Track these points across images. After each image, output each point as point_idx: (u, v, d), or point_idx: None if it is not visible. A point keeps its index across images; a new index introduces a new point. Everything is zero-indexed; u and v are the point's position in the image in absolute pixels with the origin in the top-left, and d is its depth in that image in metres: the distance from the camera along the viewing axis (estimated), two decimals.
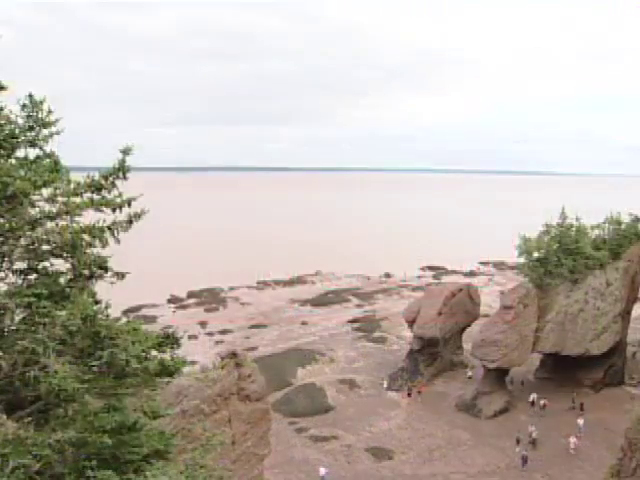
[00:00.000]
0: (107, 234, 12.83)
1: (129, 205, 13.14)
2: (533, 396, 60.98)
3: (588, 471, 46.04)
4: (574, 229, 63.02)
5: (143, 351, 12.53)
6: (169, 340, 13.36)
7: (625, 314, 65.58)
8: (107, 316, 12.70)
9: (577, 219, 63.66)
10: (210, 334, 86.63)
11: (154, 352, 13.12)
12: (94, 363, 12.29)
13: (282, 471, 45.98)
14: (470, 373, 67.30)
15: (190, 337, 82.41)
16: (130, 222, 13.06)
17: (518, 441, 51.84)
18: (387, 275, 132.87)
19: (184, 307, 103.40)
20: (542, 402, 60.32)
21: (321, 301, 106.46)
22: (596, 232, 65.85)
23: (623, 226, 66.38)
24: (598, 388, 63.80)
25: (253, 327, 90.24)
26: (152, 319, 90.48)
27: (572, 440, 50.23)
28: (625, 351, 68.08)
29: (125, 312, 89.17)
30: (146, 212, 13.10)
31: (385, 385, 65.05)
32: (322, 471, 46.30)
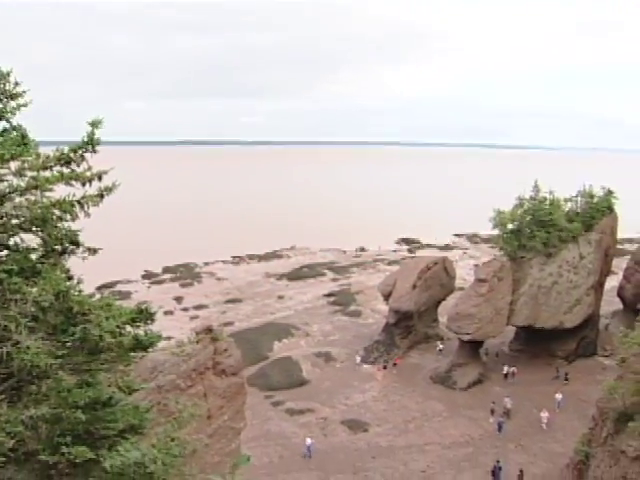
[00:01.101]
0: (77, 208, 12.62)
1: (100, 179, 12.93)
2: (507, 368, 61.85)
3: (561, 440, 46.78)
4: (547, 202, 63.50)
5: (117, 326, 12.42)
6: (143, 315, 13.23)
7: (598, 286, 66.34)
8: (80, 292, 12.55)
9: (550, 192, 64.11)
10: (185, 309, 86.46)
11: (128, 327, 13.01)
12: (67, 339, 12.18)
13: (259, 444, 46.21)
14: (441, 346, 67.76)
15: (166, 313, 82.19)
16: (101, 196, 12.86)
17: (492, 412, 52.61)
18: (362, 249, 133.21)
19: (159, 282, 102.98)
20: (512, 369, 61.48)
21: (296, 275, 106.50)
22: (569, 205, 66.41)
23: (595, 199, 66.96)
24: (571, 359, 64.77)
25: (229, 302, 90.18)
26: (127, 295, 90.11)
27: (544, 415, 50.65)
28: (598, 323, 69.01)
29: (99, 288, 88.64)
30: (117, 186, 12.90)
31: (358, 360, 65.28)
32: (308, 441, 46.90)
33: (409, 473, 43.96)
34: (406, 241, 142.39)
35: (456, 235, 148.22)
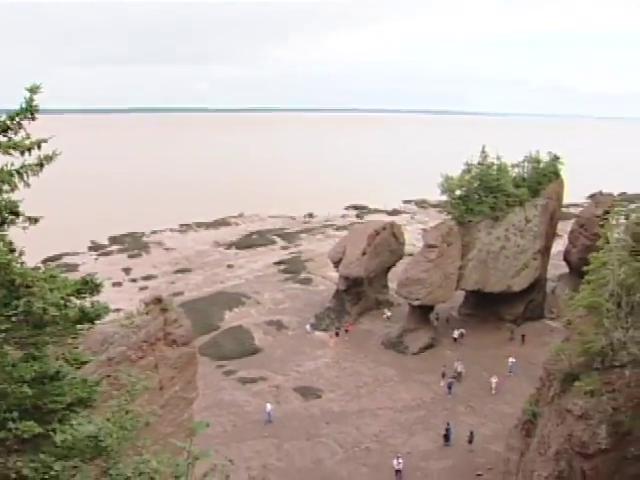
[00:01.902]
0: (16, 178, 12.06)
1: (39, 148, 12.38)
2: (456, 332, 62.79)
3: (510, 402, 47.75)
4: (495, 167, 64.05)
5: (62, 298, 11.99)
6: (89, 286, 12.81)
7: (544, 250, 67.61)
8: (22, 264, 12.07)
9: (498, 158, 64.64)
10: (134, 280, 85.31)
11: (74, 299, 12.59)
12: (11, 312, 11.73)
13: (212, 414, 46.06)
14: (388, 314, 68.18)
15: (114, 284, 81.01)
16: (41, 165, 12.31)
17: (444, 375, 53.42)
18: (311, 215, 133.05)
19: (106, 254, 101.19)
20: (460, 331, 62.57)
21: (245, 243, 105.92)
22: (516, 170, 67.15)
23: (542, 164, 67.86)
24: (519, 322, 66.08)
25: (178, 272, 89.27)
26: (74, 267, 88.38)
27: (493, 380, 51.45)
28: (545, 286, 70.45)
29: (45, 261, 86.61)
30: (58, 154, 12.37)
31: (308, 328, 65.40)
32: (268, 407, 47.13)
33: (362, 437, 44.45)
34: (355, 207, 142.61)
35: (405, 201, 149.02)
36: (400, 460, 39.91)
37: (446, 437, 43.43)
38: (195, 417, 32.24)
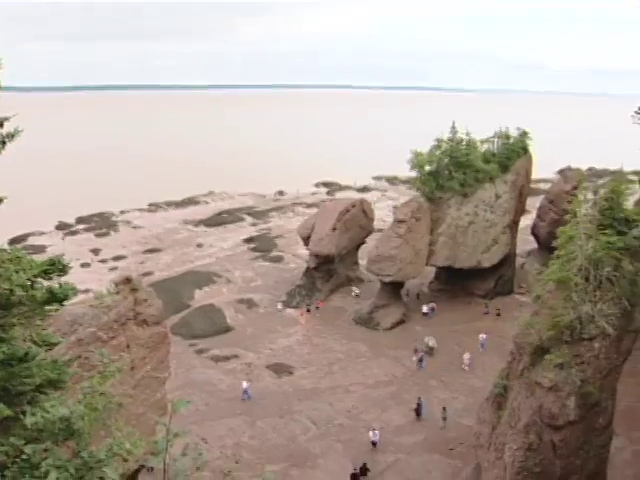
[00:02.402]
0: None
1: (1, 126, 12.08)
2: (426, 307, 63.28)
3: (480, 376, 48.21)
4: (464, 143, 64.18)
5: (28, 280, 11.78)
6: (56, 267, 12.59)
7: (513, 225, 68.22)
8: None
9: (467, 133, 64.72)
10: (103, 261, 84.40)
11: (41, 280, 12.36)
12: None
13: (184, 393, 45.94)
14: (357, 291, 68.17)
15: (83, 265, 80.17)
16: (3, 143, 12.02)
17: (415, 350, 53.77)
18: (280, 192, 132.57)
19: (74, 233, 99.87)
20: (431, 305, 63.13)
21: (215, 221, 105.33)
22: (485, 146, 67.37)
23: (511, 140, 68.17)
24: (489, 298, 66.74)
25: (147, 251, 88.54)
26: (41, 248, 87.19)
27: (466, 357, 51.73)
28: (514, 262, 71.17)
29: (11, 242, 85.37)
30: (21, 131, 12.08)
31: (279, 306, 65.31)
32: (244, 384, 47.37)
33: (335, 413, 44.68)
34: (325, 184, 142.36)
35: (375, 178, 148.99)
36: (376, 432, 40.75)
37: (417, 411, 43.86)
38: (168, 397, 32.12)
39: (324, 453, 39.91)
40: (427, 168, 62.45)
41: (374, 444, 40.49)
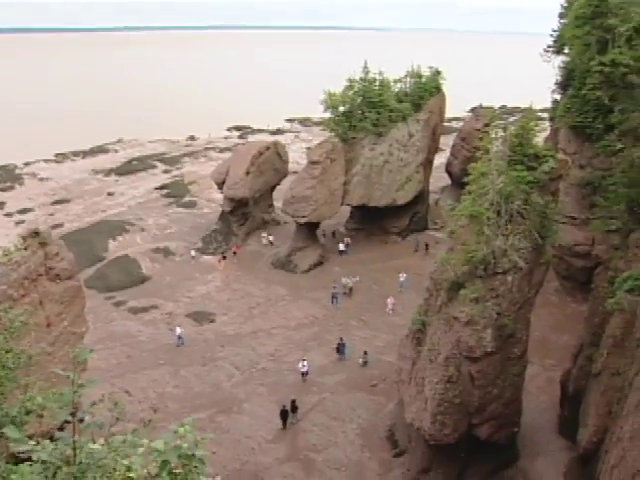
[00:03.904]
0: None
1: None
2: (342, 245, 63.95)
3: (400, 314, 49.10)
4: (377, 83, 63.99)
5: None
6: None
7: (427, 164, 69.15)
8: None
9: (380, 73, 64.50)
10: (9, 215, 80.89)
11: None
12: None
13: (104, 347, 45.23)
14: (271, 238, 67.20)
15: None
16: None
17: (338, 295, 54.17)
18: (192, 138, 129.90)
19: None
20: (346, 240, 64.04)
21: (126, 170, 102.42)
22: (398, 85, 67.27)
23: (424, 79, 68.26)
24: (405, 235, 67.88)
25: (56, 203, 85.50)
26: None
27: (389, 301, 51.84)
28: (428, 199, 72.39)
29: None
30: None
31: (193, 253, 64.42)
32: (178, 330, 47.24)
33: (258, 358, 44.96)
34: (237, 127, 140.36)
35: (288, 120, 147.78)
36: (305, 363, 41.93)
37: (339, 351, 44.56)
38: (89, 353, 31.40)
39: (249, 397, 40.22)
40: (340, 108, 62.17)
41: (304, 375, 41.77)
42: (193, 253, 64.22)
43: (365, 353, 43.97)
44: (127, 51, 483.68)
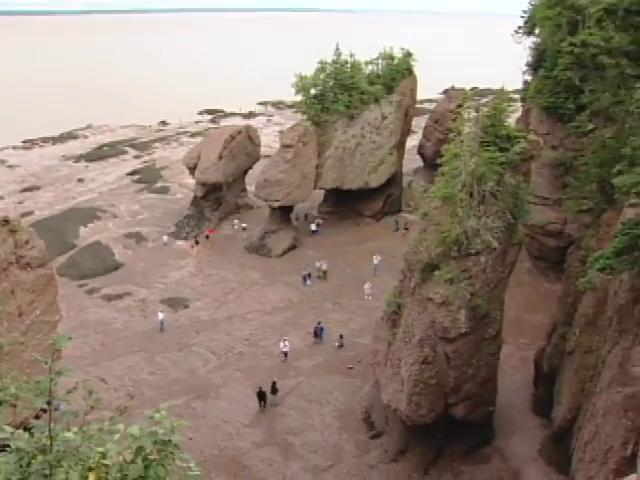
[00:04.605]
0: None
1: None
2: (314, 225, 64.10)
3: (375, 296, 49.19)
4: (349, 65, 63.78)
5: None
6: None
7: (400, 146, 69.25)
8: None
9: (351, 55, 64.28)
10: None
11: None
12: None
13: (79, 335, 44.79)
14: (243, 225, 66.66)
15: None
16: None
17: (309, 275, 54.33)
18: (163, 122, 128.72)
19: None
20: (317, 221, 64.32)
21: (96, 156, 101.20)
22: (370, 68, 67.11)
23: (396, 61, 68.11)
24: (378, 217, 68.08)
25: (25, 190, 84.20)
26: None
27: (367, 286, 51.61)
28: (401, 181, 72.55)
29: None
30: None
31: (165, 239, 63.94)
32: (160, 315, 47.14)
33: (234, 343, 44.92)
34: (209, 111, 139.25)
35: (260, 103, 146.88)
36: (287, 343, 42.38)
37: (316, 335, 44.66)
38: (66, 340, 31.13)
39: (226, 383, 40.20)
40: (312, 91, 61.89)
41: (285, 355, 42.18)
42: (165, 239, 63.71)
43: (341, 336, 44.07)
44: (93, 35, 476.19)
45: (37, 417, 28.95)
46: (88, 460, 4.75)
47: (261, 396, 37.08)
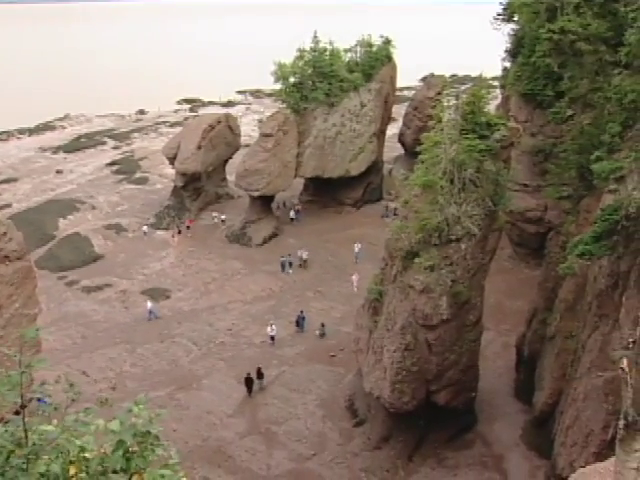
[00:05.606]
0: None
1: None
2: (292, 212, 64.13)
3: (357, 284, 49.26)
4: (328, 53, 63.49)
5: None
6: None
7: (380, 134, 69.19)
8: None
9: (330, 43, 63.99)
10: None
11: None
12: None
13: (59, 327, 44.53)
14: (223, 217, 65.42)
15: None
16: None
17: (290, 264, 54.21)
18: (141, 112, 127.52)
19: None
20: (296, 208, 64.62)
21: (74, 147, 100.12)
22: (349, 55, 66.87)
23: (374, 48, 67.93)
24: (359, 206, 68.11)
25: (2, 182, 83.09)
26: None
27: (354, 278, 50.94)
28: (382, 169, 72.59)
29: None
30: None
31: (145, 229, 63.27)
32: (149, 305, 47.03)
33: (216, 333, 44.80)
34: (187, 100, 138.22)
35: (239, 92, 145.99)
36: (274, 327, 42.91)
37: (298, 324, 44.67)
38: (42, 333, 30.95)
39: (208, 373, 40.11)
40: (291, 79, 61.59)
41: (272, 339, 42.69)
42: (145, 229, 63.25)
43: (322, 325, 44.08)
44: (69, 24, 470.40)
45: (17, 413, 28.77)
46: (68, 454, 4.69)
47: (249, 382, 37.17)
